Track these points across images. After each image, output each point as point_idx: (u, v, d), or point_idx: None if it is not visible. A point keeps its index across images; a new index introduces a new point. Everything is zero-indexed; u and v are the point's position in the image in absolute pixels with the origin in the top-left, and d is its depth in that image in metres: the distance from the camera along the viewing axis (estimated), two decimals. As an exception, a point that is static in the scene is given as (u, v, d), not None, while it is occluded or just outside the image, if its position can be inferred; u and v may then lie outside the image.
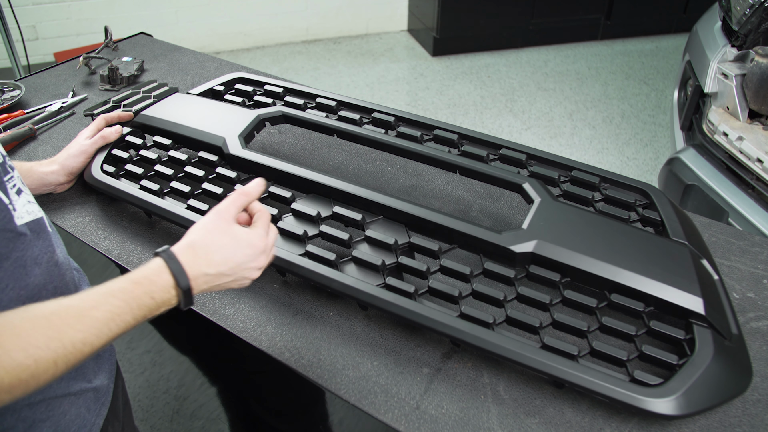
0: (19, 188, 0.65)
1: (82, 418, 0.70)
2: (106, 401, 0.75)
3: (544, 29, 3.93)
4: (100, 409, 0.74)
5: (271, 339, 0.82)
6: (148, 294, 0.60)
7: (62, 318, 0.54)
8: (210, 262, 0.65)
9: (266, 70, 1.93)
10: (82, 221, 1.03)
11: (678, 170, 1.78)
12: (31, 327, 0.52)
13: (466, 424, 0.71)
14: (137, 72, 1.50)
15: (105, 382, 0.75)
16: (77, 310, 0.55)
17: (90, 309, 0.56)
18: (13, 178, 0.65)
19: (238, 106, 1.14)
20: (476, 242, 0.84)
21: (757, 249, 0.97)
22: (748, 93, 1.68)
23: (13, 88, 1.40)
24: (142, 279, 0.61)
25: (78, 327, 0.54)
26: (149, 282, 0.61)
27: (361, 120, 1.10)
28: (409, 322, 0.78)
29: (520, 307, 0.84)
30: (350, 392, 0.75)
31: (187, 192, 0.98)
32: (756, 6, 1.76)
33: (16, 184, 0.65)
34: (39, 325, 0.53)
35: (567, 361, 0.71)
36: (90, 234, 1.00)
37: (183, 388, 1.73)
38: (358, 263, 0.85)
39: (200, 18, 3.80)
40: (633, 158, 2.86)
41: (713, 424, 0.70)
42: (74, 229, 1.01)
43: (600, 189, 0.95)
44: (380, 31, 4.23)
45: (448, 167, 0.99)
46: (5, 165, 0.64)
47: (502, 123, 3.15)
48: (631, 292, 0.77)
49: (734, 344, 0.75)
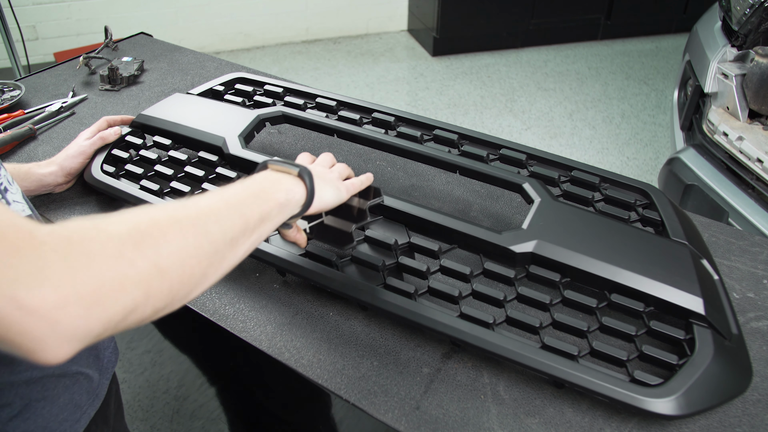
0: (6, 187, 0.66)
1: (74, 405, 0.71)
2: (99, 394, 0.76)
3: (544, 29, 3.93)
4: (93, 401, 0.74)
5: (271, 339, 0.82)
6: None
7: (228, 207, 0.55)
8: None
9: (266, 70, 1.93)
10: (82, 221, 1.03)
11: (678, 170, 1.78)
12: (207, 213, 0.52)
13: (466, 424, 0.71)
14: (137, 72, 1.50)
15: (97, 377, 0.76)
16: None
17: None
18: (0, 176, 0.65)
19: (238, 106, 1.14)
20: (476, 242, 0.84)
21: (757, 249, 0.97)
22: (748, 93, 1.68)
23: (13, 88, 1.40)
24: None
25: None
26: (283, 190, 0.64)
27: (361, 120, 1.09)
28: (409, 322, 0.78)
29: (520, 307, 0.84)
30: (350, 392, 0.75)
31: (187, 192, 0.98)
32: (756, 6, 1.76)
33: (2, 182, 0.65)
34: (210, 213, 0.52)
35: (567, 361, 0.71)
36: (90, 234, 1.00)
37: (183, 388, 1.73)
38: (358, 263, 0.85)
39: (200, 18, 3.80)
40: (633, 158, 2.86)
41: (713, 424, 0.70)
42: (74, 229, 1.01)
43: (600, 189, 0.95)
44: (380, 31, 4.23)
45: (448, 167, 0.99)
46: None
47: (502, 123, 3.15)
48: (631, 292, 0.77)
49: (734, 344, 0.75)
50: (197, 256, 0.48)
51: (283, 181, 0.66)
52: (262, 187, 0.62)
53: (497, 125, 3.13)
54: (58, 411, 0.69)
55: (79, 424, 0.72)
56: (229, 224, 0.53)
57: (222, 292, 0.89)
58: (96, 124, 1.10)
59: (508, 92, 3.44)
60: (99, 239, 0.42)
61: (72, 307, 0.39)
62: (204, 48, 3.86)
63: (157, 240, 0.45)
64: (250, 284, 0.91)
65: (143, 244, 0.44)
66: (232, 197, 0.57)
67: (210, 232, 0.50)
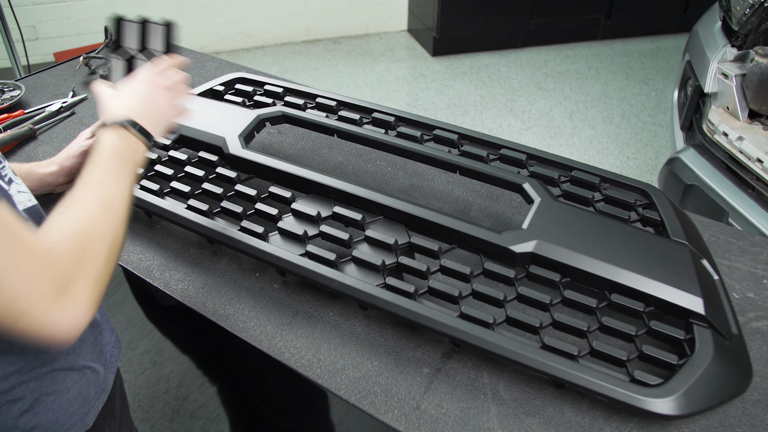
0: (10, 178, 0.68)
1: (83, 398, 0.73)
2: (106, 388, 0.78)
3: (544, 29, 3.93)
4: (99, 394, 0.76)
5: (271, 339, 0.82)
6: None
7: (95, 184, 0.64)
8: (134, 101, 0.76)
9: (266, 70, 1.93)
10: (82, 221, 1.03)
11: (678, 170, 1.78)
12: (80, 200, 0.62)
13: (466, 424, 0.71)
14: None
15: (102, 371, 0.78)
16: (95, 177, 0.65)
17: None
18: (5, 168, 0.68)
19: (238, 106, 1.14)
20: (476, 242, 0.84)
21: (757, 249, 0.97)
22: (748, 93, 1.68)
23: (13, 88, 1.40)
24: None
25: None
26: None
27: (361, 120, 1.09)
28: (409, 322, 0.78)
29: (520, 307, 0.84)
30: (350, 392, 0.75)
31: (187, 192, 0.98)
32: (756, 6, 1.76)
33: (7, 174, 0.68)
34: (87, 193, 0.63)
35: (567, 361, 0.71)
36: (90, 234, 1.00)
37: (183, 388, 1.73)
38: (358, 263, 0.85)
39: (200, 18, 3.80)
40: (633, 158, 2.86)
41: (713, 424, 0.70)
42: (74, 229, 1.01)
43: (600, 189, 0.95)
44: (380, 31, 4.23)
45: (448, 167, 0.99)
46: None
47: (502, 123, 3.15)
48: (631, 292, 0.77)
49: (734, 344, 0.75)
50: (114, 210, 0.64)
51: (125, 148, 0.71)
52: (117, 161, 0.69)
53: (497, 125, 3.13)
54: (67, 404, 0.71)
55: (88, 417, 0.74)
56: (119, 194, 0.66)
57: (222, 292, 0.89)
58: (97, 124, 1.10)
59: (508, 92, 3.44)
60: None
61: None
62: (204, 48, 3.86)
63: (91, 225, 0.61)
64: (250, 284, 0.91)
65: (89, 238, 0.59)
66: (111, 178, 0.67)
67: (114, 209, 0.64)
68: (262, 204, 0.93)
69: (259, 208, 0.93)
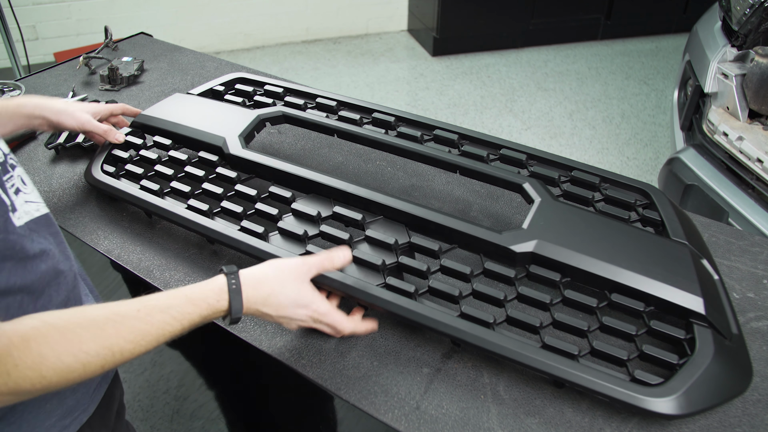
0: (18, 188, 0.65)
1: (64, 410, 0.70)
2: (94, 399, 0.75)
3: (544, 29, 3.93)
4: (87, 407, 0.74)
5: (271, 339, 0.82)
6: (201, 315, 0.63)
7: (116, 328, 0.57)
8: (267, 302, 0.69)
9: (266, 70, 1.93)
10: (82, 221, 1.03)
11: (678, 170, 1.78)
12: (84, 333, 0.55)
13: (466, 424, 0.71)
14: (137, 72, 1.50)
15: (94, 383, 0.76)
16: (131, 322, 0.58)
17: (143, 322, 0.59)
18: (12, 178, 0.65)
19: (238, 106, 1.14)
20: (476, 242, 0.84)
21: (757, 249, 0.97)
22: (748, 93, 1.68)
23: (13, 88, 1.40)
24: (200, 301, 0.64)
25: (129, 338, 0.57)
26: (206, 306, 0.64)
27: (361, 120, 1.09)
28: (409, 322, 0.78)
29: (520, 306, 0.84)
30: (350, 392, 0.75)
31: (187, 192, 0.98)
32: (756, 6, 1.76)
33: (14, 184, 0.65)
34: (92, 333, 0.55)
35: (567, 360, 0.71)
36: (90, 234, 1.00)
37: (183, 388, 1.73)
38: (359, 263, 0.85)
39: (200, 18, 3.79)
40: (633, 158, 2.86)
41: (713, 424, 0.70)
42: (74, 229, 1.01)
43: (600, 189, 0.95)
44: (380, 31, 4.23)
45: (448, 167, 0.99)
46: (6, 164, 0.64)
47: (502, 123, 3.15)
48: (632, 292, 0.77)
49: (734, 344, 0.75)
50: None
51: (199, 308, 0.64)
52: (173, 314, 0.62)
53: (497, 125, 3.13)
54: (44, 417, 0.68)
55: (68, 430, 0.71)
56: (139, 351, 0.60)
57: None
58: (110, 107, 1.10)
59: (508, 92, 3.44)
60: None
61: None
62: (204, 48, 3.86)
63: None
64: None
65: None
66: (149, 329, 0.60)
67: (117, 360, 0.58)
68: (262, 204, 0.93)
69: (259, 208, 0.93)
